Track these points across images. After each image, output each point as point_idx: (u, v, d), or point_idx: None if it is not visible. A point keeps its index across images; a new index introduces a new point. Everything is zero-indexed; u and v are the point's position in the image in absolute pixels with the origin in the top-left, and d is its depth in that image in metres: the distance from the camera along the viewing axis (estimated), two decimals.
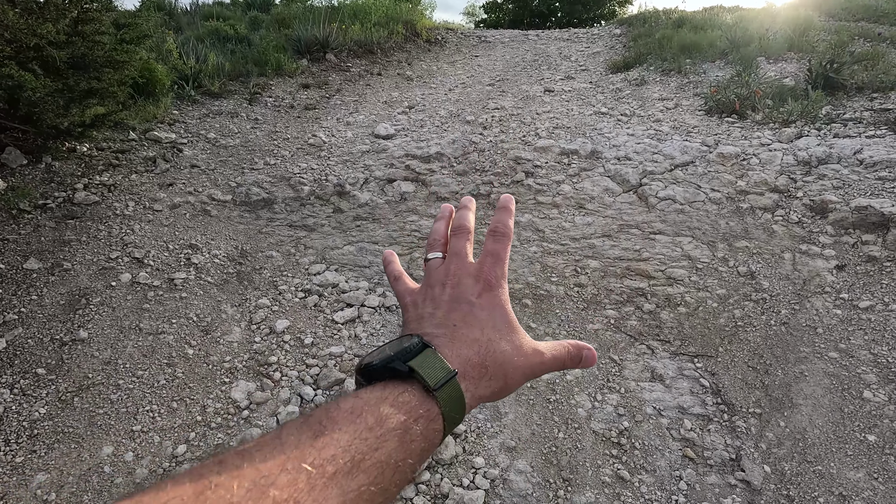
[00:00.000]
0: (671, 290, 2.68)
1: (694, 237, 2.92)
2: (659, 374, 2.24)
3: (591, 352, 0.41)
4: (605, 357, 2.34)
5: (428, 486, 1.75)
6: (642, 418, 2.04)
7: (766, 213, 2.89)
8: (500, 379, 0.36)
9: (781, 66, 5.00)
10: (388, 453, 0.28)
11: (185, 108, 4.43)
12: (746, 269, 2.63)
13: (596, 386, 2.19)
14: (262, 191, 3.39)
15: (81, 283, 2.40)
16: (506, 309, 0.39)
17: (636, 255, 2.88)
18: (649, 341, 2.44)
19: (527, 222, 3.14)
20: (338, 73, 5.91)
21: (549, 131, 4.03)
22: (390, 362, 0.34)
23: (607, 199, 3.22)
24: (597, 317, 2.56)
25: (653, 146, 3.58)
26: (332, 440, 0.27)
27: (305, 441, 0.27)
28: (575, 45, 8.36)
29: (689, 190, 3.14)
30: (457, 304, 0.39)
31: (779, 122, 3.49)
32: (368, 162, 3.76)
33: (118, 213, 2.93)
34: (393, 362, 0.34)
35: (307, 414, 0.30)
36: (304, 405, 2.00)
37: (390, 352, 0.34)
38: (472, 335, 0.36)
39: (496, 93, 5.45)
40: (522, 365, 0.37)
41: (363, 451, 0.28)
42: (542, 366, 0.38)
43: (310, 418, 0.29)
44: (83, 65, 3.00)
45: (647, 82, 5.39)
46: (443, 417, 0.32)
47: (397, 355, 0.34)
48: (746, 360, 2.23)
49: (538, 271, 2.82)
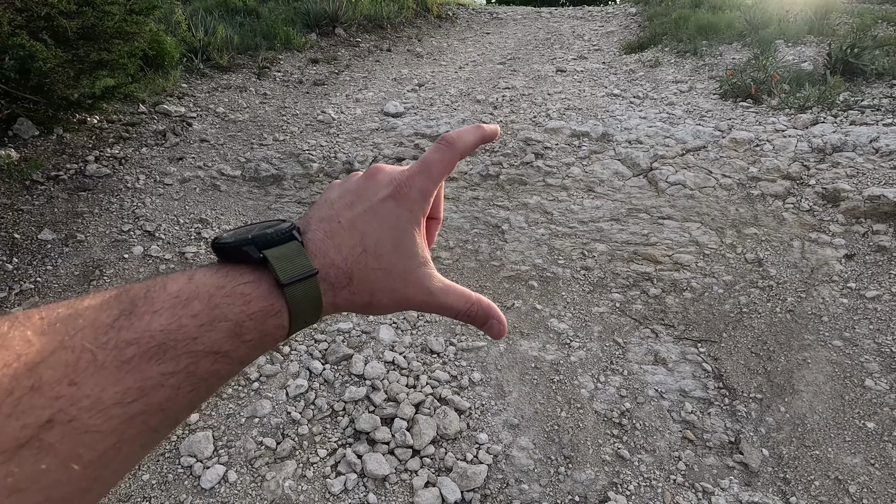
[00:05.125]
0: (677, 275, 2.68)
1: (703, 223, 2.91)
2: (662, 358, 2.27)
3: (501, 325, 0.36)
4: (610, 340, 2.37)
5: (432, 460, 1.80)
6: (644, 400, 2.07)
7: (777, 200, 2.87)
8: (365, 295, 0.33)
9: (800, 49, 4.88)
10: (208, 344, 0.26)
11: (193, 82, 4.40)
12: (754, 257, 2.63)
13: (599, 368, 2.22)
14: (271, 167, 3.39)
15: (95, 255, 2.44)
16: (406, 226, 0.34)
17: (644, 239, 2.88)
18: (654, 325, 2.46)
19: (535, 204, 3.14)
20: (347, 49, 5.84)
21: (560, 112, 3.98)
22: (244, 245, 0.30)
23: (617, 182, 3.21)
24: (602, 300, 2.58)
25: (665, 130, 3.54)
26: (140, 322, 0.24)
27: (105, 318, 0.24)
28: (589, 24, 8.17)
29: (700, 175, 3.12)
30: (357, 201, 0.34)
31: (795, 108, 3.44)
32: (377, 140, 3.74)
33: (129, 185, 2.95)
34: (247, 246, 0.30)
35: (123, 287, 0.27)
36: (312, 379, 2.05)
37: (249, 234, 0.31)
38: (350, 240, 0.32)
39: (507, 72, 5.37)
40: (397, 292, 0.33)
41: (177, 338, 0.25)
42: (422, 304, 0.34)
43: (124, 293, 0.26)
44: (93, 35, 2.99)
45: (662, 64, 5.29)
46: (289, 315, 0.29)
47: (255, 238, 0.30)
48: (750, 347, 2.25)
49: (545, 253, 2.83)
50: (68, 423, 0.21)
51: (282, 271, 0.29)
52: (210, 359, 0.26)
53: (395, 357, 2.18)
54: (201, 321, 0.26)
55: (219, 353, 0.26)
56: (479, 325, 0.36)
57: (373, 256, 0.32)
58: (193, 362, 0.25)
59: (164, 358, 0.24)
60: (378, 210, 0.33)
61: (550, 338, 2.36)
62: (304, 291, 0.29)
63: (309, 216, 0.34)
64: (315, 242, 0.32)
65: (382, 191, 0.34)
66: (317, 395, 1.98)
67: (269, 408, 1.92)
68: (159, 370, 0.24)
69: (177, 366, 0.24)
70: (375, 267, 0.32)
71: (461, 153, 0.36)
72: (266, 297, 0.28)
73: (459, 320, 0.36)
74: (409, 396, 1.99)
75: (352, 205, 0.34)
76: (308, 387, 2.01)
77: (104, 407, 0.22)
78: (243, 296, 0.28)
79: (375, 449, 1.80)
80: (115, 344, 0.23)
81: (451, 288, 0.35)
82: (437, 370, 2.15)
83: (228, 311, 0.27)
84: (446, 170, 0.36)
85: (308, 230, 0.32)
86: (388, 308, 0.34)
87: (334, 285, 0.31)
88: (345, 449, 1.79)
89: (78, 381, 0.22)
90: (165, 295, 0.26)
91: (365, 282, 0.32)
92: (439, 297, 0.34)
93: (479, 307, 0.35)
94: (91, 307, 0.24)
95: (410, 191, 0.34)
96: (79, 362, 0.22)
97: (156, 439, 0.25)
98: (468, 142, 0.37)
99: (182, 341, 0.25)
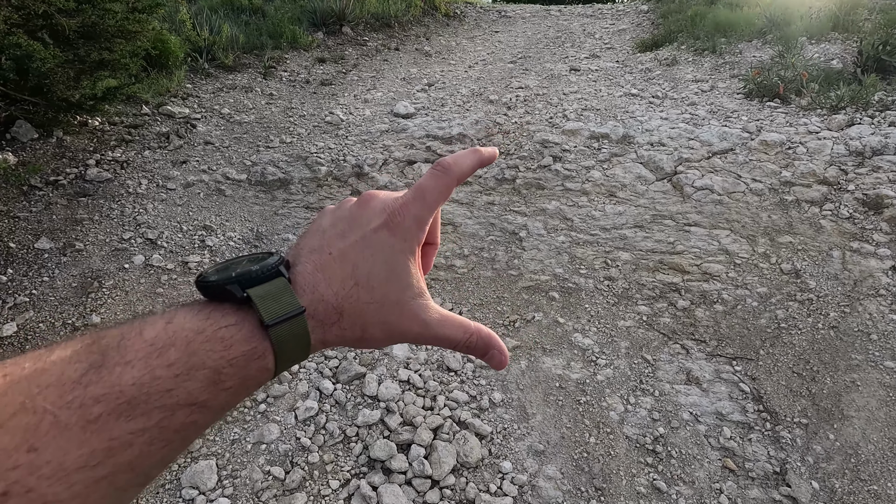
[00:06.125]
0: (707, 286, 2.53)
1: (732, 230, 2.75)
2: (695, 377, 2.12)
3: (502, 356, 0.34)
4: (638, 356, 2.22)
5: (453, 491, 1.67)
6: (678, 424, 1.93)
7: (814, 206, 2.71)
8: (356, 330, 0.31)
9: (824, 46, 4.70)
10: (184, 395, 0.24)
11: (198, 82, 4.29)
12: (791, 267, 2.47)
13: (629, 388, 2.08)
14: (277, 170, 3.26)
15: (94, 265, 2.32)
16: (400, 256, 0.32)
17: (670, 247, 2.73)
18: (684, 340, 2.32)
19: (554, 210, 2.99)
20: (354, 48, 5.71)
21: (577, 113, 3.83)
22: (227, 283, 0.28)
23: (640, 187, 3.05)
24: (628, 313, 2.44)
25: (688, 131, 3.38)
26: (110, 376, 0.23)
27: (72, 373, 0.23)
28: (599, 22, 8.04)
29: (729, 179, 2.96)
30: (349, 230, 0.33)
31: (827, 108, 3.26)
32: (388, 142, 3.61)
33: (131, 191, 2.83)
34: (230, 284, 0.28)
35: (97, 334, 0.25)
36: (323, 400, 1.92)
37: (232, 272, 0.29)
38: (342, 272, 0.31)
39: (519, 71, 5.22)
40: (391, 325, 0.32)
41: (150, 391, 0.24)
42: (418, 336, 0.33)
43: (96, 342, 0.25)
44: (94, 34, 2.87)
45: (679, 62, 5.13)
46: (275, 356, 0.28)
47: (239, 277, 0.28)
48: (791, 366, 2.09)
49: (566, 262, 2.69)
50: (25, 493, 0.20)
51: (266, 311, 0.28)
52: (186, 411, 0.25)
53: (411, 375, 2.05)
54: (177, 370, 0.25)
55: (195, 403, 0.25)
56: (479, 356, 0.34)
57: (365, 289, 0.31)
58: (167, 416, 0.24)
59: (134, 414, 0.23)
60: (371, 240, 0.32)
61: (575, 354, 2.22)
62: (290, 331, 0.28)
63: (299, 246, 0.33)
64: (304, 276, 0.30)
65: (375, 219, 0.33)
66: (328, 419, 1.85)
67: (277, 433, 1.79)
68: (129, 427, 0.23)
69: (148, 421, 0.23)
70: (368, 300, 0.31)
71: (458, 179, 0.35)
72: (249, 339, 0.27)
73: (458, 351, 0.35)
74: (426, 420, 1.85)
75: (343, 234, 0.33)
76: (318, 409, 1.88)
77: (66, 473, 0.21)
78: (223, 340, 0.26)
79: (392, 479, 1.66)
80: (81, 402, 0.22)
81: (449, 318, 0.33)
82: (456, 390, 2.02)
83: (207, 358, 0.26)
84: (442, 196, 0.34)
85: (298, 262, 0.31)
86: (381, 342, 0.32)
87: (324, 322, 0.30)
88: (359, 480, 1.65)
89: (38, 446, 0.21)
90: (140, 342, 0.25)
91: (357, 316, 0.31)
92: (436, 328, 0.33)
93: (479, 337, 0.34)
94: (58, 361, 0.23)
95: (404, 219, 0.33)
96: (40, 425, 0.21)
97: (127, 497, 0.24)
98: (465, 167, 0.35)
99: (155, 394, 0.24)
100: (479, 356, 0.34)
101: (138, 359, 0.24)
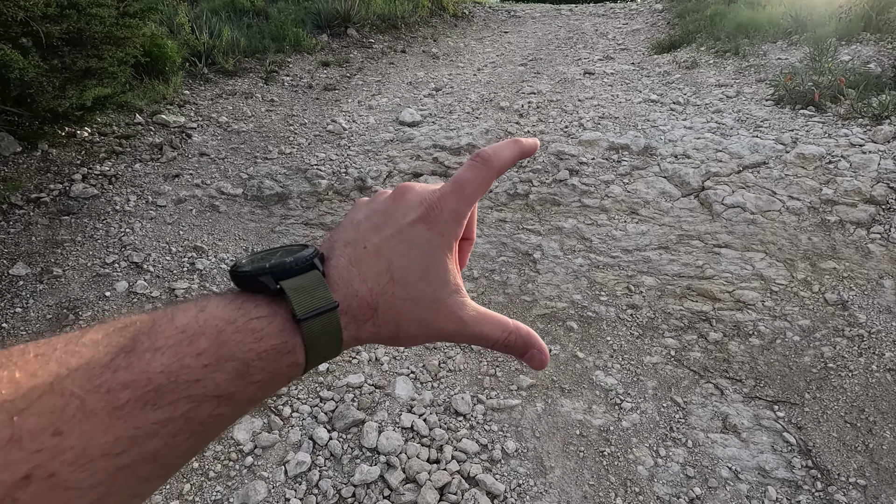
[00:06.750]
0: (741, 316, 2.30)
1: (768, 253, 2.52)
2: (732, 424, 1.89)
3: (543, 355, 0.33)
4: (667, 398, 2.00)
5: None
6: (717, 483, 1.70)
7: (860, 228, 2.47)
8: (391, 327, 0.30)
9: (856, 48, 4.42)
10: (212, 387, 0.23)
11: (196, 88, 4.12)
12: (836, 297, 2.23)
13: (658, 436, 1.86)
14: (275, 184, 3.07)
15: (72, 293, 2.14)
16: (437, 251, 0.30)
17: (698, 271, 2.50)
18: (717, 379, 2.09)
19: (571, 228, 2.77)
20: (359, 50, 5.52)
21: (594, 122, 3.60)
22: (261, 274, 0.27)
23: (664, 203, 2.82)
24: (654, 346, 2.21)
25: (716, 142, 3.14)
26: (139, 362, 0.22)
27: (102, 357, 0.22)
28: (612, 22, 7.81)
29: (762, 196, 2.72)
30: (384, 223, 0.31)
31: (868, 118, 3.01)
32: (392, 153, 3.41)
33: (118, 208, 2.65)
34: (264, 275, 0.27)
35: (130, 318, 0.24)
36: (316, 452, 1.72)
37: (266, 262, 0.28)
38: (377, 268, 0.29)
39: (530, 74, 5.00)
40: (426, 323, 0.30)
41: (177, 381, 0.22)
42: (455, 334, 0.31)
43: (128, 327, 0.24)
44: (80, 41, 2.69)
45: (700, 65, 4.87)
46: (306, 352, 0.27)
47: (273, 268, 0.27)
48: (843, 414, 1.86)
49: (585, 288, 2.47)
50: (48, 478, 0.19)
51: (299, 304, 0.27)
52: (213, 402, 0.24)
53: (415, 421, 1.84)
54: (206, 360, 0.24)
55: (223, 396, 0.24)
56: (518, 355, 0.33)
57: (401, 285, 0.30)
58: (194, 407, 0.23)
59: (161, 403, 0.22)
60: (407, 234, 0.31)
61: (597, 396, 2.00)
62: (322, 326, 0.27)
63: (333, 239, 0.32)
64: (338, 270, 0.29)
65: (412, 213, 0.31)
66: (321, 475, 1.65)
67: (265, 492, 1.59)
68: (155, 417, 0.22)
69: (174, 411, 0.23)
70: (403, 297, 0.30)
71: (498, 171, 0.33)
72: (280, 333, 0.26)
73: (497, 350, 0.33)
74: (431, 477, 1.65)
75: (378, 227, 0.31)
76: (311, 463, 1.68)
77: (90, 459, 0.20)
78: (255, 332, 0.26)
79: None
80: (109, 387, 0.21)
81: (487, 316, 0.32)
82: (464, 438, 1.81)
83: (237, 350, 0.25)
84: (481, 189, 0.32)
85: (332, 256, 0.30)
86: (416, 339, 0.31)
87: (357, 318, 0.29)
88: None
89: (64, 430, 0.20)
90: (172, 329, 0.24)
91: (391, 313, 0.30)
92: (473, 326, 0.31)
93: (518, 335, 0.32)
94: (90, 343, 0.23)
95: (442, 213, 0.31)
96: (66, 409, 0.20)
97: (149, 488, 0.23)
98: (505, 158, 0.34)
99: (183, 384, 0.23)
100: (518, 356, 0.33)
101: (168, 346, 0.23)
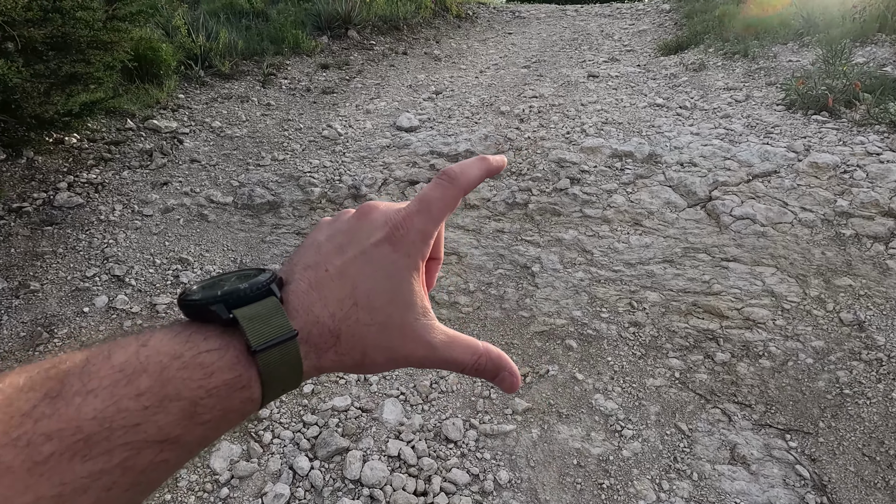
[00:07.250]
0: (750, 335, 2.18)
1: (779, 268, 2.39)
2: (741, 455, 1.78)
3: (514, 378, 0.31)
4: (671, 425, 1.89)
5: None
6: None
7: (878, 243, 2.33)
8: (356, 354, 0.28)
9: (871, 50, 4.27)
10: (154, 431, 0.21)
11: (191, 92, 4.04)
12: (852, 317, 2.11)
13: (661, 467, 1.75)
14: (267, 192, 2.99)
15: (49, 309, 2.06)
16: (403, 273, 0.29)
17: (705, 287, 2.38)
18: (724, 403, 1.97)
19: (571, 240, 2.66)
20: (360, 52, 5.43)
21: (597, 127, 3.48)
22: (212, 303, 0.25)
23: (669, 214, 2.70)
24: (658, 368, 2.10)
25: (724, 149, 3.01)
26: (67, 408, 0.20)
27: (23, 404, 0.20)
28: (618, 22, 7.67)
29: (773, 207, 2.59)
30: (347, 244, 0.30)
31: (886, 124, 2.87)
32: (388, 159, 3.31)
33: (103, 218, 2.57)
34: (215, 304, 0.25)
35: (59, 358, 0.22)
36: (296, 483, 1.62)
37: (217, 289, 0.26)
38: (340, 292, 0.28)
39: (533, 77, 4.88)
40: (394, 349, 0.29)
41: (113, 427, 0.20)
42: (423, 360, 0.29)
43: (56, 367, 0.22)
44: (64, 46, 2.62)
45: (708, 67, 4.74)
46: (262, 386, 0.25)
47: (225, 295, 0.25)
48: (860, 446, 1.74)
49: (585, 304, 2.36)
50: None
51: (254, 334, 0.25)
52: (155, 448, 0.22)
53: (402, 449, 1.74)
54: (147, 402, 0.22)
55: (167, 440, 0.22)
56: (489, 379, 0.32)
57: (365, 310, 0.28)
58: (132, 455, 0.21)
59: (92, 453, 0.20)
60: (372, 255, 0.30)
61: (596, 422, 1.89)
62: (280, 357, 0.25)
63: (293, 262, 0.30)
64: (298, 295, 0.28)
65: (377, 233, 0.30)
66: None
67: None
68: (85, 470, 0.20)
69: (109, 461, 0.21)
70: (368, 322, 0.28)
71: (465, 189, 0.32)
72: (232, 367, 0.24)
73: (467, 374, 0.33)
74: None
75: (342, 249, 0.30)
76: (291, 495, 1.59)
77: None
78: (204, 367, 0.24)
79: None
80: (29, 440, 0.19)
81: (456, 339, 0.31)
82: (454, 468, 1.71)
83: (183, 388, 0.23)
84: (448, 208, 0.31)
85: (291, 280, 0.29)
86: (382, 367, 0.30)
87: (318, 346, 0.27)
88: None
89: None
90: (107, 368, 0.22)
91: (356, 339, 0.28)
92: (442, 351, 0.30)
93: (488, 358, 0.31)
94: (8, 389, 0.20)
95: (408, 233, 0.30)
96: None
97: None
98: (473, 176, 0.32)
99: (119, 430, 0.21)
100: (489, 379, 0.31)
101: (103, 387, 0.21)
